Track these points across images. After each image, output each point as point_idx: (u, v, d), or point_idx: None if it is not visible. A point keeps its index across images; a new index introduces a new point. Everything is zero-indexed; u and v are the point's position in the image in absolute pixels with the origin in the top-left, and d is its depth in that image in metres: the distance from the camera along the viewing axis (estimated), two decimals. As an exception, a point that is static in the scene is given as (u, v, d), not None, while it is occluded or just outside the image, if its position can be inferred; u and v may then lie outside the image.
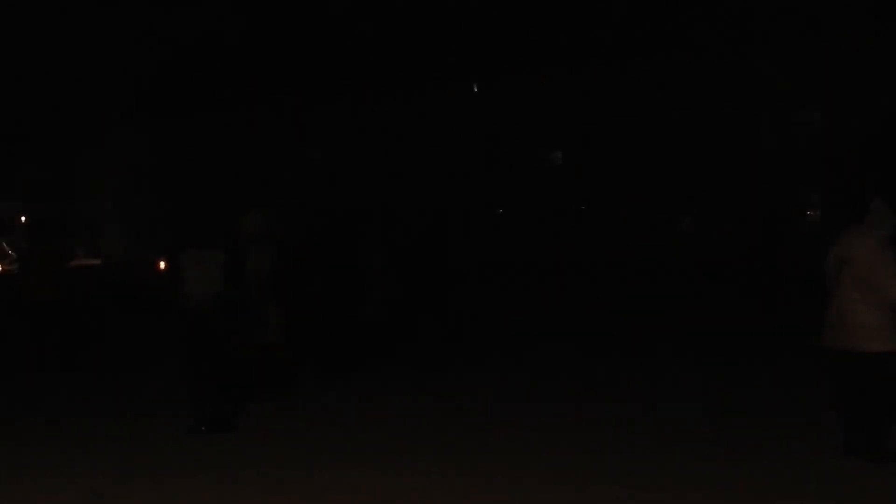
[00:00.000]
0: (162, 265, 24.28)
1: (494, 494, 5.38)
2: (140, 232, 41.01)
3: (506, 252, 30.01)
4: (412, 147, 34.46)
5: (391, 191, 33.39)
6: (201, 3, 39.17)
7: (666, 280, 20.84)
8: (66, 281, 10.20)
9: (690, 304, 15.43)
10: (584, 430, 6.83)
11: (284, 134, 37.45)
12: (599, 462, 5.97)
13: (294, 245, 9.10)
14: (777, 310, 13.42)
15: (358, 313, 9.47)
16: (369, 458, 6.19)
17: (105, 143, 42.60)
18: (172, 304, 7.37)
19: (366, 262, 9.52)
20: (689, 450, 6.18)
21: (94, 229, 42.74)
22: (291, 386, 8.38)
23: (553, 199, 32.00)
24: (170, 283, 7.45)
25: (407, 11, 35.03)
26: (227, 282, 7.17)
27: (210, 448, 6.57)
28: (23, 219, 40.52)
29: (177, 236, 8.13)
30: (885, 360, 5.77)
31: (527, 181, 32.34)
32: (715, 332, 11.89)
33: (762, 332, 11.78)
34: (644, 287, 19.18)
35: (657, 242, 28.86)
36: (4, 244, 32.87)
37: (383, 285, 9.62)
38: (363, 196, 33.20)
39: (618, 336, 11.88)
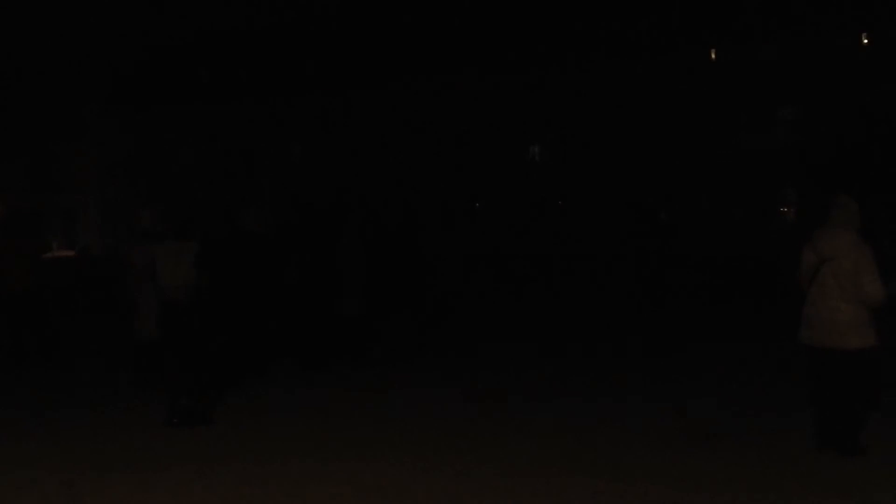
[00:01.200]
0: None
1: (472, 487, 5.38)
2: (116, 224, 40.62)
3: (483, 245, 30.04)
4: (391, 140, 34.38)
5: (369, 184, 33.33)
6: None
7: (640, 275, 20.89)
8: (39, 273, 10.10)
9: (661, 299, 15.49)
10: (562, 424, 6.85)
11: (263, 127, 37.24)
12: (577, 456, 5.99)
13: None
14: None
15: (336, 307, 9.44)
16: (346, 452, 6.17)
17: (82, 134, 42.11)
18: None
19: (344, 256, 9.48)
20: (663, 444, 6.21)
21: (70, 221, 42.27)
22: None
23: (531, 193, 32.10)
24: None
25: (387, 5, 34.94)
26: (200, 273, 7.13)
27: (186, 440, 6.54)
28: None
29: (152, 228, 8.04)
30: (862, 356, 5.81)
31: (505, 175, 32.41)
32: (684, 328, 11.97)
33: (729, 328, 11.87)
34: (620, 281, 19.21)
35: (634, 237, 28.98)
36: None
37: (362, 279, 9.59)
38: (342, 189, 33.12)
39: (593, 332, 11.93)
